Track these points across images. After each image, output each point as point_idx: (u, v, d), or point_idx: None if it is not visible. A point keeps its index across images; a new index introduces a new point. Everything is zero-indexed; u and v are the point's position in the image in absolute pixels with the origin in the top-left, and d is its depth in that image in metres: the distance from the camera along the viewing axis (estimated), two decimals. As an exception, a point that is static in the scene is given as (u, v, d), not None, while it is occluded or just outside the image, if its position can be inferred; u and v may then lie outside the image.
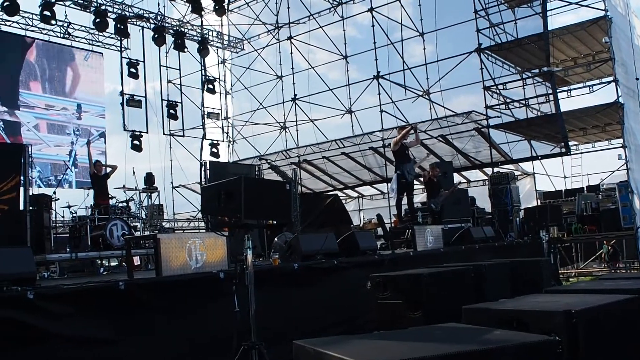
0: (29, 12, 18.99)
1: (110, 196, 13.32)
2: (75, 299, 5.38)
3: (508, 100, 17.94)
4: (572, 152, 19.71)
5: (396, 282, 6.27)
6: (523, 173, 20.70)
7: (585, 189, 19.92)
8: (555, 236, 14.00)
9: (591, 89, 18.61)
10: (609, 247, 17.52)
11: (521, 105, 17.92)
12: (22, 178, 9.13)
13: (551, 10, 17.29)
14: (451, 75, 19.45)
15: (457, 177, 19.43)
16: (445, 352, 2.85)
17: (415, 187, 13.69)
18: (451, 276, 6.52)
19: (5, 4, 16.68)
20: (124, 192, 13.74)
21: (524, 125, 17.79)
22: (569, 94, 20.24)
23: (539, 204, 19.03)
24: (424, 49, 20.72)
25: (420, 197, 17.65)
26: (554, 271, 11.54)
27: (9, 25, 19.07)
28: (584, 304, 4.00)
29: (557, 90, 17.35)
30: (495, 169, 18.92)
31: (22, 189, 9.18)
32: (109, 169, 13.54)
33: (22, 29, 19.50)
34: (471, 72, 18.56)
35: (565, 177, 21.91)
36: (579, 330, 3.71)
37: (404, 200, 12.89)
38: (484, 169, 20.84)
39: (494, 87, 17.69)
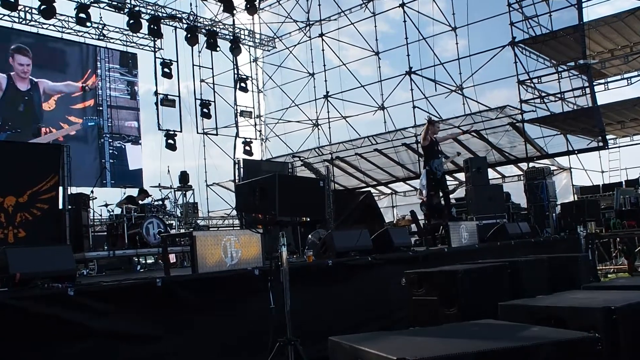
0: (64, 15, 19.32)
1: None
2: (114, 296, 5.47)
3: (543, 94, 17.73)
4: (609, 146, 19.45)
5: (431, 278, 6.23)
6: (559, 168, 20.40)
7: (623, 183, 19.57)
8: (593, 232, 13.79)
9: (629, 81, 18.37)
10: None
11: (556, 99, 17.68)
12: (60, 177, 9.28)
13: (587, 1, 17.04)
14: (484, 69, 19.28)
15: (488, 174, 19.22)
16: (482, 349, 2.83)
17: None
18: (487, 272, 6.46)
19: (43, 7, 16.95)
20: (160, 190, 13.90)
21: (560, 119, 17.56)
22: (606, 86, 19.99)
23: (576, 199, 18.76)
24: (457, 43, 20.54)
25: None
26: (592, 267, 11.36)
27: (46, 29, 19.42)
28: (624, 300, 3.93)
29: (594, 83, 17.09)
30: (531, 164, 18.69)
31: (60, 188, 9.33)
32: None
33: (58, 31, 19.84)
34: (505, 66, 18.38)
35: (602, 172, 21.61)
36: (619, 327, 3.66)
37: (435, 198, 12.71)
38: (519, 164, 20.62)
39: (529, 81, 17.49)
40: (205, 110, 22.62)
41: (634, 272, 12.79)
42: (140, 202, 13.26)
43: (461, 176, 19.48)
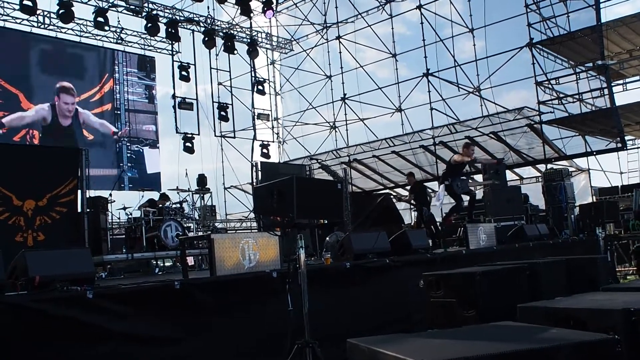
0: (82, 19, 19.50)
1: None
2: (132, 299, 5.51)
3: (561, 95, 17.63)
4: (628, 147, 19.27)
5: (449, 280, 6.22)
6: (577, 169, 20.26)
7: (642, 184, 19.42)
8: (612, 233, 13.67)
9: (648, 82, 18.17)
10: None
11: (575, 100, 17.58)
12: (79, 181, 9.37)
13: (604, 1, 16.94)
14: (502, 71, 19.22)
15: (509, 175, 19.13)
16: (501, 351, 2.82)
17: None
18: (505, 274, 6.43)
19: (61, 11, 17.11)
20: (177, 193, 13.97)
21: (578, 120, 17.45)
22: (625, 87, 19.86)
23: (595, 200, 18.64)
24: (474, 45, 20.46)
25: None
26: (611, 269, 11.27)
27: (64, 33, 19.62)
28: (644, 302, 3.91)
29: (612, 84, 16.98)
30: (549, 166, 18.57)
31: (79, 191, 9.41)
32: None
33: (77, 35, 20.03)
34: (522, 67, 18.32)
35: (621, 173, 21.46)
36: (639, 329, 3.63)
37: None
38: (537, 166, 20.50)
39: (547, 82, 17.41)
40: (222, 113, 22.71)
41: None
42: (160, 206, 13.34)
43: (479, 178, 19.43)
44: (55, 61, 19.61)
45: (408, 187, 14.02)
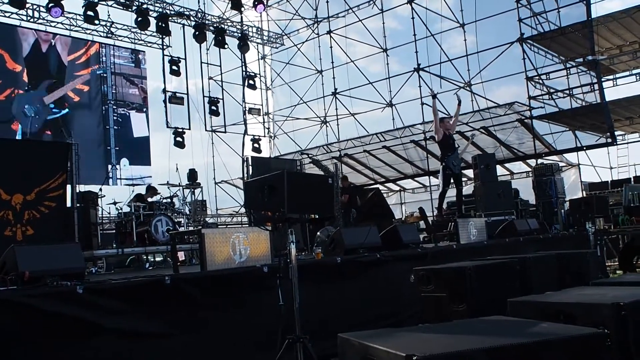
0: (72, 13, 19.38)
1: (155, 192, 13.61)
2: (123, 294, 5.49)
3: (551, 91, 17.69)
4: (618, 142, 19.38)
5: (440, 275, 6.23)
6: (568, 164, 20.34)
7: (632, 179, 19.48)
8: (601, 228, 13.73)
9: (637, 77, 18.28)
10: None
11: (565, 95, 17.65)
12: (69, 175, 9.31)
13: (594, -3, 16.99)
14: (493, 66, 19.27)
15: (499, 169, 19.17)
16: (491, 345, 2.83)
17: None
18: (496, 269, 6.45)
19: (50, 4, 17.01)
20: (168, 188, 13.93)
21: (568, 115, 17.52)
22: (615, 82, 19.95)
23: (585, 195, 18.70)
24: (465, 40, 20.51)
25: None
26: (600, 264, 11.34)
27: (54, 27, 19.50)
28: (633, 296, 3.92)
29: (602, 79, 17.06)
30: (539, 161, 18.66)
31: (69, 186, 9.35)
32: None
33: (67, 29, 19.91)
34: (513, 62, 18.40)
35: (611, 168, 21.52)
36: (628, 323, 3.65)
37: (452, 192, 12.73)
38: (527, 161, 20.56)
39: (537, 78, 17.46)
40: (213, 107, 22.68)
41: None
42: (149, 199, 13.29)
43: (470, 173, 19.47)
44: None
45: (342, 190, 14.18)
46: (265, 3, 22.62)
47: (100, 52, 21.16)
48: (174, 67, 20.99)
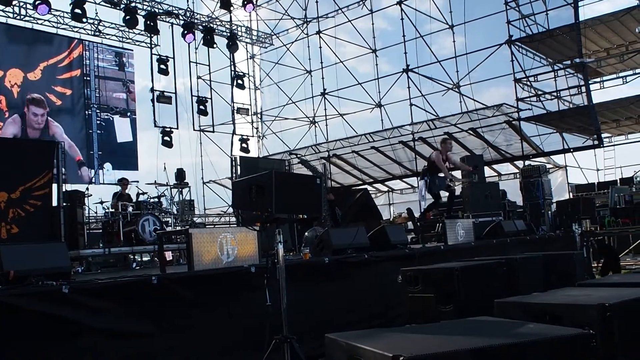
0: (59, 11, 19.26)
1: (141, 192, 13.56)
2: (109, 293, 5.46)
3: (539, 93, 17.77)
4: (605, 145, 19.50)
5: (427, 275, 6.26)
6: (555, 166, 20.44)
7: (618, 181, 19.65)
8: (588, 229, 13.82)
9: (624, 80, 18.40)
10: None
11: (553, 97, 17.73)
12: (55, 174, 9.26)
13: (583, 0, 17.08)
14: (481, 67, 19.31)
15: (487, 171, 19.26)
16: (478, 346, 2.84)
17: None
18: (483, 270, 6.48)
19: (37, 2, 16.92)
20: (156, 187, 13.88)
21: (556, 117, 17.60)
22: (602, 85, 20.04)
23: (571, 197, 18.83)
24: (454, 41, 20.52)
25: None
26: (586, 265, 11.39)
27: (41, 24, 19.36)
28: (618, 297, 3.95)
29: (590, 82, 17.15)
30: (527, 162, 18.72)
31: (55, 185, 9.30)
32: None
33: (53, 27, 19.77)
34: (502, 64, 18.45)
35: (598, 170, 21.69)
36: (613, 324, 3.68)
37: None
38: (515, 162, 20.64)
39: (525, 79, 17.53)
40: (201, 107, 22.57)
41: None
42: (126, 191, 13.27)
43: (458, 174, 19.54)
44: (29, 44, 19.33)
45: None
46: (254, 3, 22.55)
47: (84, 54, 20.89)
48: (162, 66, 20.88)
